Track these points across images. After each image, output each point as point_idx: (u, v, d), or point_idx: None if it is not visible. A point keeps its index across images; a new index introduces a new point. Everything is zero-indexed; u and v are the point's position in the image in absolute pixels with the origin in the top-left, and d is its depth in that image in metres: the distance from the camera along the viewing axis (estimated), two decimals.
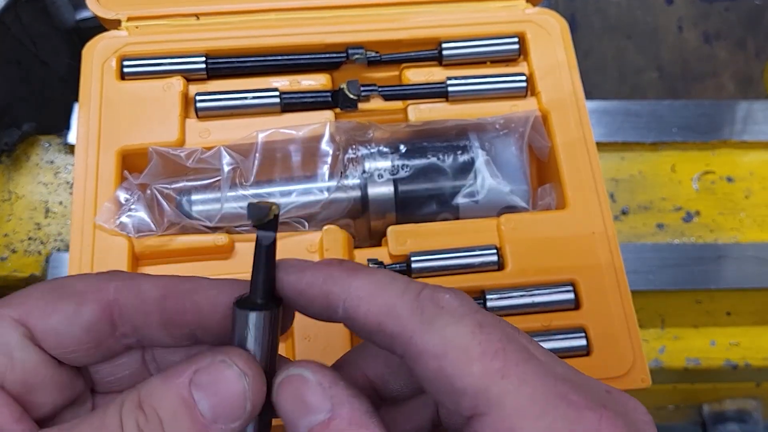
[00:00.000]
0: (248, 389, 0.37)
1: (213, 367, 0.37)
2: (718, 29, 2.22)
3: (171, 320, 0.41)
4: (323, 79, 0.80)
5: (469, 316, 0.37)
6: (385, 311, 0.38)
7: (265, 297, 0.39)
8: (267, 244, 0.38)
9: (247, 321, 0.38)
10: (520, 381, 0.35)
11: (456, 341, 0.36)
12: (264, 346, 0.39)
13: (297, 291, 0.40)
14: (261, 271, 0.39)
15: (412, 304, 0.38)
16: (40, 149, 1.03)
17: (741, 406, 1.21)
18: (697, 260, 1.05)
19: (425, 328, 0.37)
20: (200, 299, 0.41)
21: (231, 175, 0.74)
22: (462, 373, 0.36)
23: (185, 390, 0.37)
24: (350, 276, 0.39)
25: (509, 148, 0.76)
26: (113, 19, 0.80)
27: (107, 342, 0.42)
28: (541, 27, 0.82)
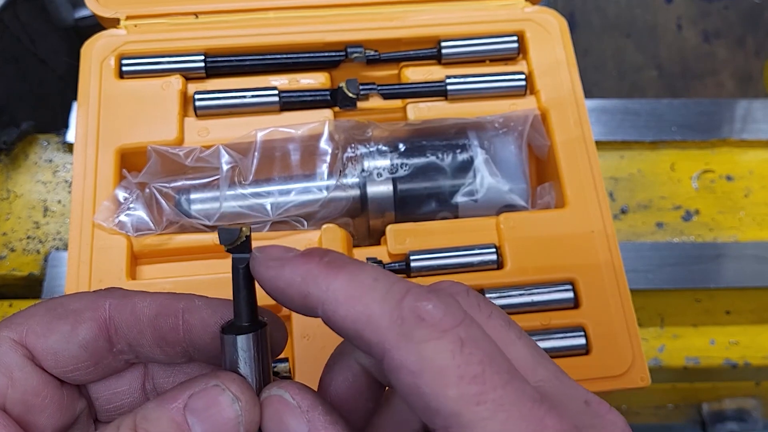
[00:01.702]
0: (241, 414, 0.38)
1: (206, 392, 0.38)
2: (718, 28, 2.22)
3: (164, 338, 0.41)
4: (322, 77, 0.80)
5: (451, 333, 0.35)
6: (363, 319, 0.36)
7: (249, 319, 0.39)
8: (243, 267, 0.38)
9: (235, 345, 0.38)
10: (496, 407, 0.34)
11: (434, 361, 0.34)
12: (255, 367, 0.39)
13: (276, 289, 0.39)
14: (241, 293, 0.39)
15: (391, 312, 0.36)
16: (39, 148, 1.03)
17: (740, 405, 1.21)
18: (696, 259, 1.05)
19: (402, 343, 0.35)
20: (192, 319, 0.41)
21: (230, 174, 0.74)
22: (437, 395, 0.34)
23: (179, 415, 0.37)
24: (329, 275, 0.37)
25: (508, 147, 0.76)
26: (112, 17, 0.80)
27: (105, 359, 0.42)
28: (540, 26, 0.82)
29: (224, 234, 0.38)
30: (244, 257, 0.38)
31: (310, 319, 0.66)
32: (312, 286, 0.37)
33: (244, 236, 0.38)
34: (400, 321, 0.35)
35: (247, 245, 0.38)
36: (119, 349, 0.42)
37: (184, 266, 0.71)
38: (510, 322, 0.39)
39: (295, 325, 0.67)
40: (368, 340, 0.36)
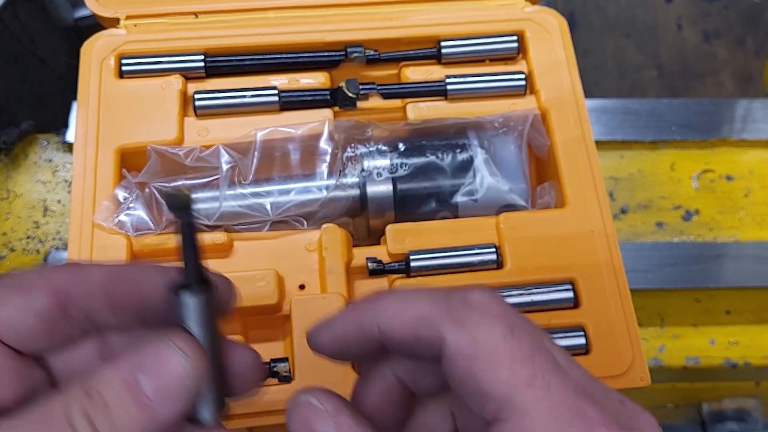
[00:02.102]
0: (190, 369, 0.39)
1: (155, 349, 0.39)
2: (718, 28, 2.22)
3: (117, 305, 0.42)
4: (322, 77, 0.80)
5: (501, 317, 0.38)
6: (417, 319, 0.39)
7: (196, 280, 0.40)
8: (188, 229, 0.40)
9: (183, 304, 0.40)
10: (544, 392, 0.36)
11: (486, 343, 0.37)
12: (203, 325, 0.40)
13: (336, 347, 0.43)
14: (188, 254, 0.40)
15: (442, 306, 0.39)
16: (39, 148, 1.03)
17: (740, 405, 1.21)
18: (696, 259, 1.05)
19: (456, 328, 0.38)
20: (144, 285, 0.42)
21: (229, 174, 0.74)
22: (490, 378, 0.36)
23: (129, 374, 0.38)
24: (376, 302, 0.41)
25: (508, 147, 0.76)
26: (112, 17, 0.80)
27: (60, 328, 0.43)
28: (540, 25, 0.82)
29: (169, 199, 0.39)
30: (188, 220, 0.40)
31: (310, 318, 0.67)
32: (362, 316, 0.42)
33: (186, 199, 0.39)
34: (451, 311, 0.38)
35: (190, 208, 0.39)
36: (74, 317, 0.43)
37: None
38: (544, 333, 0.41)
39: (295, 325, 0.67)
40: (425, 337, 0.39)
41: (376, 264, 0.69)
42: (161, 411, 0.38)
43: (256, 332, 0.70)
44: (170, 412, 0.39)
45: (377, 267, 0.69)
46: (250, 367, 0.45)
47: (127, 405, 0.38)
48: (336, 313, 0.44)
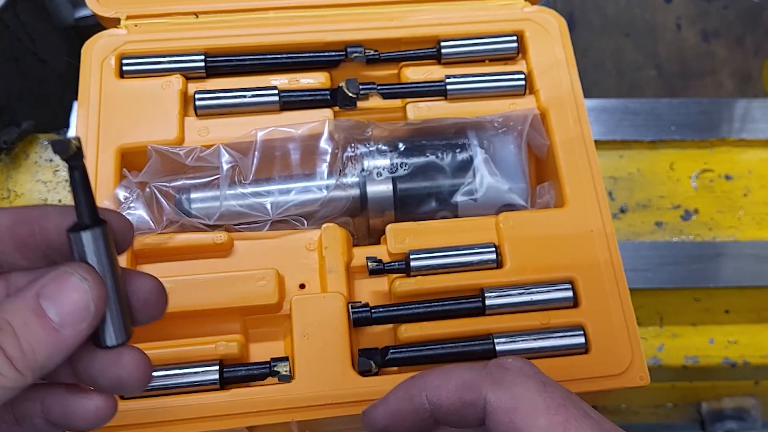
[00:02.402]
0: (90, 291, 0.42)
1: (57, 277, 0.42)
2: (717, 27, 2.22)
3: (23, 244, 0.45)
4: (322, 77, 0.80)
5: (534, 377, 0.44)
6: (461, 385, 0.45)
7: (89, 219, 0.43)
8: (79, 174, 0.42)
9: (80, 240, 0.43)
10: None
11: (524, 397, 0.43)
12: (100, 257, 0.43)
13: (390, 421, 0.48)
14: (80, 197, 0.43)
15: (482, 372, 0.45)
16: (39, 147, 1.03)
17: (739, 404, 1.21)
18: (695, 258, 1.05)
19: (496, 388, 0.44)
20: (47, 224, 0.45)
21: (230, 174, 0.74)
22: (530, 425, 0.41)
23: (33, 301, 0.41)
24: (423, 376, 0.47)
25: (508, 147, 0.76)
26: (112, 17, 0.80)
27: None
28: (539, 25, 0.82)
29: (58, 146, 0.41)
30: (77, 164, 0.42)
31: (309, 317, 0.67)
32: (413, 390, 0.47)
33: (75, 147, 0.41)
34: (491, 375, 0.45)
35: (79, 155, 0.42)
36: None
37: (185, 265, 0.71)
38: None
39: (295, 324, 0.67)
40: (469, 400, 0.45)
41: (376, 263, 0.70)
42: (66, 333, 0.41)
43: (257, 331, 0.70)
44: (74, 334, 0.41)
45: (377, 266, 0.70)
46: (152, 294, 0.47)
47: (34, 329, 0.41)
48: (389, 392, 0.49)
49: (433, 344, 0.67)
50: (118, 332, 0.45)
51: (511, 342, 0.67)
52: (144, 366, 0.45)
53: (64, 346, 0.41)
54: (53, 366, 0.41)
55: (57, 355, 0.41)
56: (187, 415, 0.63)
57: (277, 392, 0.65)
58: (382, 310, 0.69)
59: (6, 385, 0.40)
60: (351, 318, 0.68)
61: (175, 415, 0.63)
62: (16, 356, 0.40)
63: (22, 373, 0.40)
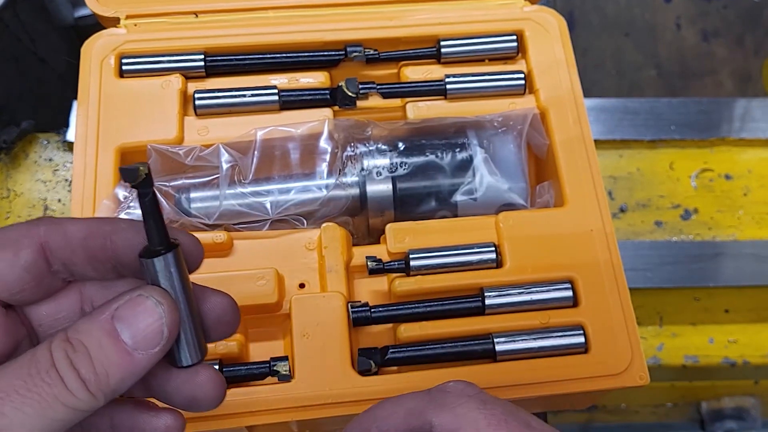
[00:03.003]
0: (164, 316, 0.42)
1: (132, 300, 0.42)
2: (717, 27, 2.22)
3: (94, 256, 0.45)
4: (322, 76, 0.80)
5: (475, 397, 0.46)
6: (408, 413, 0.47)
7: (161, 243, 0.43)
8: (148, 199, 0.43)
9: (152, 266, 0.43)
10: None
11: (466, 416, 0.45)
12: (173, 280, 0.44)
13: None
14: (150, 222, 0.43)
15: (425, 398, 0.47)
16: (39, 147, 1.03)
17: (739, 403, 1.21)
18: (695, 258, 1.05)
19: (439, 411, 0.46)
20: (117, 239, 0.45)
21: (229, 173, 0.74)
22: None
23: (108, 323, 0.42)
24: (372, 409, 0.50)
25: (507, 146, 0.76)
26: (112, 16, 0.80)
27: (45, 278, 0.46)
28: (539, 25, 0.82)
29: (127, 173, 0.42)
30: (147, 191, 0.42)
31: (309, 317, 0.67)
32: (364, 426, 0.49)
33: (144, 174, 0.42)
34: (433, 399, 0.47)
35: (148, 181, 0.42)
36: (56, 269, 0.46)
37: None
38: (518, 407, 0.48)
39: (295, 323, 0.67)
40: (416, 426, 0.46)
41: (376, 263, 0.70)
42: (139, 356, 0.42)
43: (256, 331, 0.70)
44: (148, 357, 0.42)
45: (377, 266, 0.69)
46: (226, 312, 0.48)
47: (108, 351, 0.41)
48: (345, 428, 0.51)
49: (432, 344, 0.67)
50: (192, 352, 0.45)
51: (511, 341, 0.67)
52: (219, 384, 0.46)
53: (136, 370, 0.42)
54: (125, 389, 0.42)
55: (129, 378, 0.42)
56: (186, 414, 0.63)
57: (277, 392, 0.65)
58: (381, 310, 0.69)
59: (78, 407, 0.40)
60: (351, 317, 0.68)
61: None
62: (90, 378, 0.40)
63: (95, 396, 0.41)
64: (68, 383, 0.40)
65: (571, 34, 0.83)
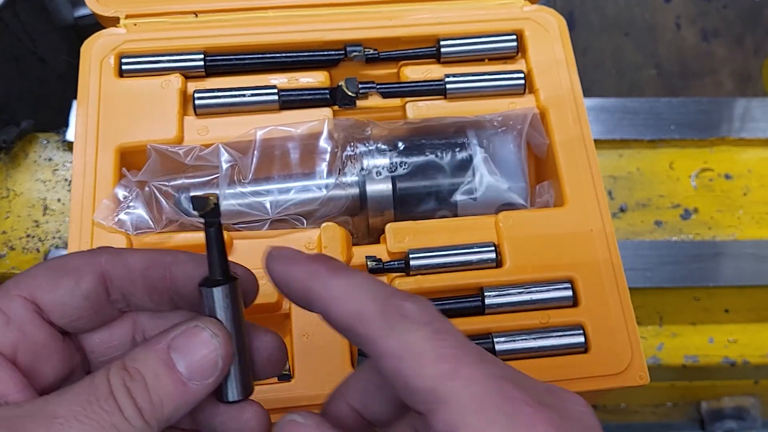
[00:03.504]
0: (219, 348, 0.43)
1: (188, 331, 0.43)
2: (717, 27, 2.22)
3: (153, 287, 0.46)
4: (321, 76, 0.80)
5: (428, 325, 0.41)
6: (355, 314, 0.42)
7: (222, 274, 0.44)
8: (215, 230, 0.44)
9: (211, 296, 0.44)
10: (467, 382, 0.39)
11: (413, 346, 0.40)
12: (229, 313, 0.44)
13: (282, 281, 0.45)
14: (214, 252, 0.44)
15: (378, 309, 0.42)
16: (39, 146, 1.03)
17: (739, 403, 1.21)
18: (695, 257, 1.05)
19: (387, 333, 0.41)
20: (177, 271, 0.46)
21: (229, 173, 0.74)
22: (416, 374, 0.40)
23: (164, 353, 0.42)
24: (331, 276, 0.43)
25: (507, 146, 0.76)
26: (111, 16, 0.80)
27: (103, 308, 0.47)
28: (539, 24, 0.82)
29: (198, 202, 0.43)
30: (214, 221, 0.44)
31: (309, 317, 0.67)
32: (315, 284, 0.43)
33: (212, 203, 0.43)
34: (385, 316, 0.41)
35: (216, 211, 0.43)
36: (114, 298, 0.47)
37: None
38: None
39: (295, 323, 0.67)
40: (359, 333, 0.42)
41: (376, 263, 0.70)
42: (193, 387, 0.42)
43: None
44: (202, 387, 0.43)
45: (377, 266, 0.69)
46: (274, 350, 0.48)
47: (164, 381, 0.42)
48: (299, 257, 0.45)
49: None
50: (241, 388, 0.46)
51: (511, 341, 0.67)
52: (264, 422, 0.47)
53: (190, 400, 0.43)
54: (178, 418, 0.43)
55: (183, 407, 0.43)
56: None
57: (277, 391, 0.65)
58: None
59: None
60: None
61: None
62: (146, 407, 0.41)
63: (149, 424, 0.41)
64: (125, 411, 0.40)
65: (571, 34, 0.83)
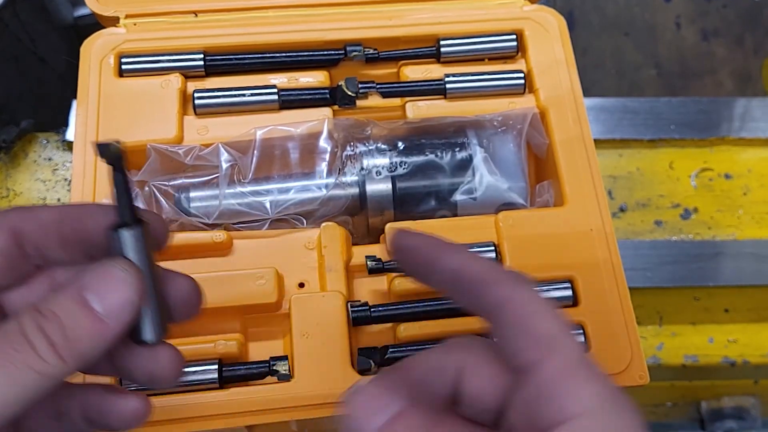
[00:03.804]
0: (132, 283, 0.43)
1: (100, 270, 0.44)
2: (716, 26, 2.22)
3: (67, 240, 0.47)
4: (321, 76, 0.80)
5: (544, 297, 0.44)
6: (483, 274, 0.45)
7: (129, 218, 0.45)
8: (120, 175, 0.45)
9: (119, 239, 0.45)
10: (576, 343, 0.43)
11: (538, 299, 0.44)
12: (140, 256, 0.45)
13: (409, 251, 0.49)
14: (122, 198, 0.45)
15: (501, 272, 0.46)
16: (38, 146, 1.03)
17: (739, 403, 1.21)
18: (695, 257, 1.05)
19: (515, 286, 0.44)
20: (89, 221, 0.47)
21: (229, 172, 0.74)
22: (541, 319, 0.43)
23: (77, 293, 0.43)
24: (452, 247, 0.48)
25: (507, 146, 0.76)
26: (111, 16, 0.80)
27: (18, 264, 0.47)
28: (539, 24, 0.82)
29: (102, 149, 0.44)
30: (120, 166, 0.45)
31: (309, 317, 0.67)
32: (443, 253, 0.47)
33: (116, 149, 0.44)
34: (510, 276, 0.45)
35: (120, 156, 0.44)
36: (29, 253, 0.47)
37: (184, 264, 0.70)
38: None
39: (295, 323, 0.67)
40: (488, 290, 0.45)
41: (376, 262, 0.70)
42: (110, 324, 0.43)
43: (256, 330, 0.70)
44: (118, 325, 0.43)
45: (376, 265, 0.70)
46: (188, 293, 0.49)
47: (79, 319, 0.42)
48: (424, 235, 0.49)
49: (431, 343, 0.67)
50: (156, 329, 0.46)
51: None
52: (178, 362, 0.47)
53: (106, 336, 0.43)
54: (95, 357, 0.43)
55: (99, 345, 0.43)
56: (186, 414, 0.63)
57: (277, 391, 0.64)
58: (381, 309, 0.69)
59: (48, 372, 0.41)
60: (350, 317, 0.68)
61: (175, 414, 0.63)
62: (60, 344, 0.41)
63: (65, 360, 0.41)
64: (39, 349, 0.41)
65: (570, 34, 0.83)
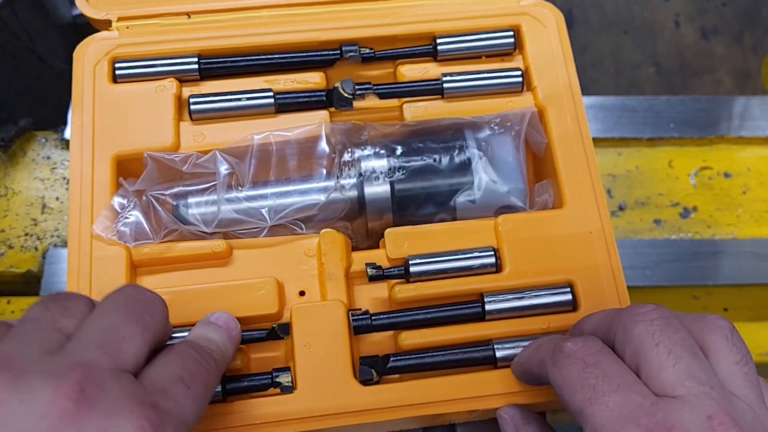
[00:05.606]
0: None
1: None
2: (716, 24, 2.22)
3: None
4: (317, 77, 0.79)
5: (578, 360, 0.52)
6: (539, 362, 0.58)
7: None
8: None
9: None
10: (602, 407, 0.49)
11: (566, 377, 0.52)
12: None
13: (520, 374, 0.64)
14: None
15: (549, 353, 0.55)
16: (37, 145, 1.03)
17: None
18: (694, 256, 1.05)
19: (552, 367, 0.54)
20: None
21: (227, 180, 0.73)
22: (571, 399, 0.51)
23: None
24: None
25: (505, 147, 0.76)
26: (103, 19, 0.79)
27: None
28: (536, 19, 0.81)
29: None
30: None
31: (311, 328, 0.67)
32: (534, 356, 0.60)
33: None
34: (553, 356, 0.54)
35: None
36: None
37: (184, 275, 0.70)
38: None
39: (296, 333, 0.67)
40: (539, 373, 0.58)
41: (376, 270, 0.69)
42: None
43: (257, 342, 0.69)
44: None
45: (376, 273, 0.69)
46: None
47: None
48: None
49: (433, 351, 0.67)
50: None
51: (511, 347, 0.66)
52: None
53: None
54: None
55: None
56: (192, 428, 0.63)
57: (280, 404, 0.64)
58: (382, 318, 0.68)
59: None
60: (351, 326, 0.67)
61: None
62: None
63: None
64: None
65: (569, 32, 0.82)
